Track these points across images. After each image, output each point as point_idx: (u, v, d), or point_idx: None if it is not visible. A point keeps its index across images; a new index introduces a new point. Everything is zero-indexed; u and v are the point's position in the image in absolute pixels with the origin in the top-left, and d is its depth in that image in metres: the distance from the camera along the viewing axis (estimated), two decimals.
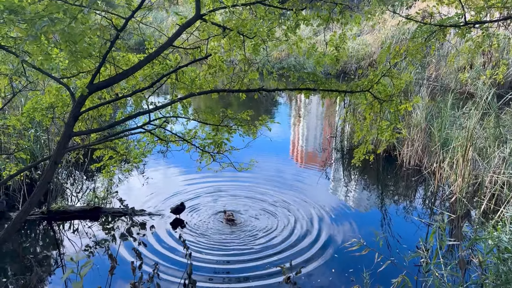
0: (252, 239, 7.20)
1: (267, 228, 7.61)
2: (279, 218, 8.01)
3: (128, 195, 8.91)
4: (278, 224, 7.77)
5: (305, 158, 12.49)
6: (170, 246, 6.92)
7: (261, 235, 7.34)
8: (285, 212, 8.26)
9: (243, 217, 8.01)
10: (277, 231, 7.48)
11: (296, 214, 8.19)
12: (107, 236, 7.30)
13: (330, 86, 5.58)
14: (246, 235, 7.37)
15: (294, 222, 7.85)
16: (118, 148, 6.59)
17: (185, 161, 10.35)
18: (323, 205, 8.70)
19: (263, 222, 7.85)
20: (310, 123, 16.96)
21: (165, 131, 6.28)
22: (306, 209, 8.43)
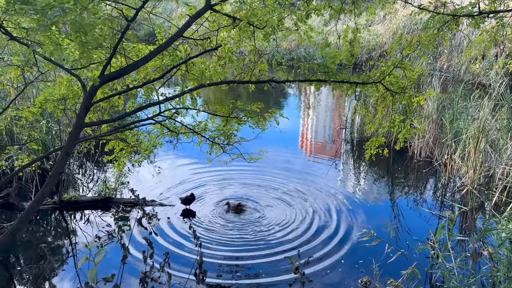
0: (261, 230, 7.23)
1: (276, 218, 7.63)
2: (288, 209, 8.03)
3: (139, 185, 8.99)
4: (287, 215, 7.79)
5: (314, 150, 12.45)
6: (180, 236, 6.98)
7: (270, 226, 7.36)
8: (294, 204, 8.27)
9: (252, 208, 8.04)
10: (286, 222, 7.50)
11: (305, 206, 8.19)
12: (119, 225, 7.38)
13: (341, 77, 5.54)
14: (255, 225, 7.40)
15: (303, 213, 7.86)
16: (129, 140, 6.64)
17: (195, 153, 10.37)
18: (332, 196, 8.69)
19: (272, 213, 7.87)
20: (320, 114, 16.88)
21: (175, 122, 6.31)
22: (315, 201, 8.43)
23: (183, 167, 10.30)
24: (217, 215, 7.74)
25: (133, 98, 6.99)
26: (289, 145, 12.32)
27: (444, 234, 5.14)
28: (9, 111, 7.71)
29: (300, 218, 7.67)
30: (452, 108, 10.76)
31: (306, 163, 10.91)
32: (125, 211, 7.93)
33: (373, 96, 5.85)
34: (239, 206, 7.90)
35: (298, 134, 13.81)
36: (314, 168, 10.47)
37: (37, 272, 6.01)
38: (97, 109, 6.63)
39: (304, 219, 7.64)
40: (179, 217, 7.73)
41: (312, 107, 18.08)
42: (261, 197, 8.53)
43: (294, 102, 19.11)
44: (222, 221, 7.52)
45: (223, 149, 6.46)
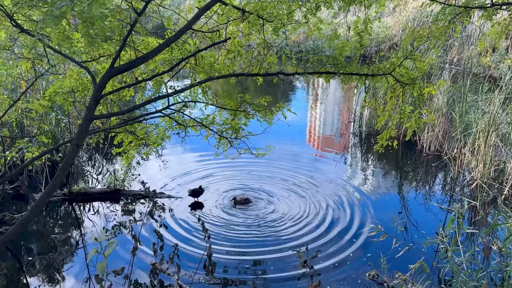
0: (269, 224, 7.25)
1: (283, 213, 7.65)
2: (296, 203, 8.04)
3: (147, 178, 9.05)
4: (295, 209, 7.80)
5: (322, 144, 12.40)
6: (189, 228, 7.03)
7: (278, 220, 7.38)
8: (302, 198, 8.28)
9: (260, 202, 8.06)
10: (294, 216, 7.51)
11: (313, 200, 8.20)
12: (128, 217, 7.45)
13: (351, 69, 5.50)
14: (262, 219, 7.42)
15: (311, 208, 7.87)
16: (138, 132, 6.66)
17: (203, 147, 10.42)
18: (340, 190, 8.69)
19: (280, 207, 7.89)
20: (328, 108, 16.79)
21: (183, 115, 6.33)
22: (323, 195, 8.43)
23: (190, 160, 10.32)
24: (225, 208, 7.78)
25: (142, 91, 7.01)
26: (296, 139, 12.30)
27: (453, 228, 5.11)
28: (19, 104, 7.78)
29: (308, 213, 7.67)
30: (462, 101, 10.65)
31: (314, 157, 10.90)
32: (134, 203, 8.00)
33: (382, 88, 5.80)
34: (246, 200, 7.93)
35: (305, 128, 13.78)
36: (322, 162, 10.45)
37: (48, 262, 6.10)
38: (106, 102, 6.67)
39: (312, 214, 7.64)
40: (188, 209, 7.78)
41: (320, 100, 17.99)
42: (269, 191, 8.54)
43: (302, 96, 19.03)
44: (230, 214, 7.55)
45: (231, 143, 6.47)
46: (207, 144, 6.84)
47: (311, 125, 14.39)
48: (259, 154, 6.53)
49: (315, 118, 15.15)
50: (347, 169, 10.11)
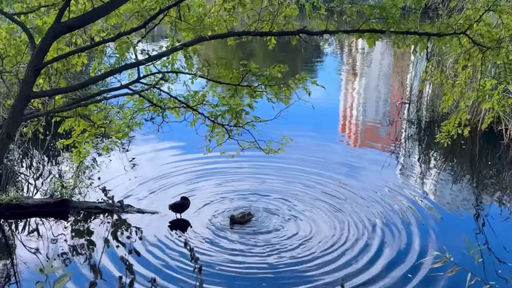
0: (286, 251, 7.27)
1: (307, 236, 7.66)
2: (325, 222, 8.04)
3: (108, 184, 9.09)
4: (324, 231, 7.81)
5: (362, 135, 12.41)
6: (171, 257, 7.07)
7: (299, 246, 7.39)
8: (334, 214, 8.30)
9: (271, 220, 8.09)
10: (323, 241, 7.52)
11: (350, 217, 8.21)
12: (81, 240, 7.52)
13: (407, 26, 5.49)
14: (277, 243, 7.46)
15: (348, 229, 7.88)
16: (94, 118, 6.69)
17: (188, 138, 10.43)
18: (390, 203, 8.70)
19: (302, 226, 7.91)
20: (371, 83, 16.78)
21: (160, 93, 6.35)
22: (365, 210, 8.44)
23: (170, 159, 10.37)
24: (222, 228, 7.82)
25: (100, 57, 7.03)
26: (325, 128, 12.33)
27: None
28: None
29: (344, 236, 7.67)
30: None
31: (351, 154, 10.93)
32: (89, 220, 8.06)
33: (452, 54, 5.79)
34: (248, 216, 7.96)
35: (338, 111, 13.82)
36: (362, 161, 10.48)
37: None
38: (49, 73, 6.69)
39: (350, 237, 7.64)
40: (168, 229, 7.83)
41: (360, 72, 17.99)
42: (286, 205, 8.57)
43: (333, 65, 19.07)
44: (229, 239, 7.59)
45: (229, 134, 6.48)
46: (194, 134, 6.86)
47: (346, 108, 14.39)
48: (270, 151, 6.53)
49: (353, 98, 15.11)
50: (399, 173, 10.11)
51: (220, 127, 6.46)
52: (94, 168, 9.90)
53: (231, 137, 6.48)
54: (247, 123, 6.41)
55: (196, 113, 6.43)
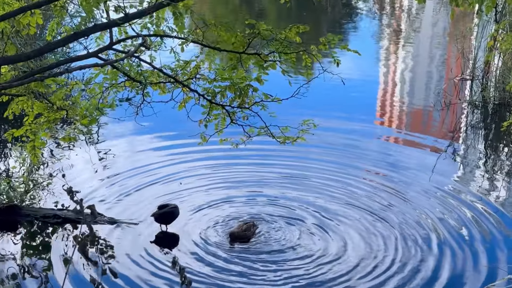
0: (306, 274, 7.31)
1: (336, 254, 7.69)
2: (358, 236, 8.09)
3: (72, 184, 9.07)
4: (358, 248, 7.83)
5: (408, 121, 12.37)
6: (156, 279, 7.12)
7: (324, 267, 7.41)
8: (370, 224, 8.35)
9: (286, 233, 8.16)
10: (357, 263, 7.53)
11: (392, 229, 8.25)
12: (36, 258, 7.57)
13: None
14: (293, 265, 7.49)
15: (390, 244, 7.91)
16: (53, 97, 6.75)
17: (178, 123, 10.44)
18: (445, 211, 8.73)
19: (328, 243, 7.96)
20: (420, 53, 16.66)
21: (140, 63, 6.40)
22: (411, 219, 8.48)
23: (154, 152, 10.50)
24: (218, 243, 7.88)
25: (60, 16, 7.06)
26: (358, 111, 12.42)
27: None
28: None
29: (384, 254, 7.70)
30: None
31: (392, 145, 10.97)
32: (46, 232, 8.15)
33: None
34: (252, 228, 7.97)
35: (376, 89, 13.77)
36: (407, 156, 10.56)
37: None
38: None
39: (392, 256, 7.66)
40: (151, 245, 7.90)
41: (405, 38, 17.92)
42: (304, 211, 8.63)
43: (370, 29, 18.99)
44: (228, 255, 7.64)
45: (231, 117, 6.56)
46: (184, 118, 6.88)
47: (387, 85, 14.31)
48: (287, 139, 6.60)
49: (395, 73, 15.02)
50: (459, 171, 10.20)
51: (220, 109, 6.52)
52: (53, 164, 9.96)
53: (233, 121, 6.55)
54: (255, 103, 6.46)
55: (187, 90, 6.49)
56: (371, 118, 12.42)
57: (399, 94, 13.78)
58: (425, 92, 13.89)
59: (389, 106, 13.25)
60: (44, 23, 7.31)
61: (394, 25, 19.50)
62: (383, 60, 15.91)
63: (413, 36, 18.13)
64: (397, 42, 17.44)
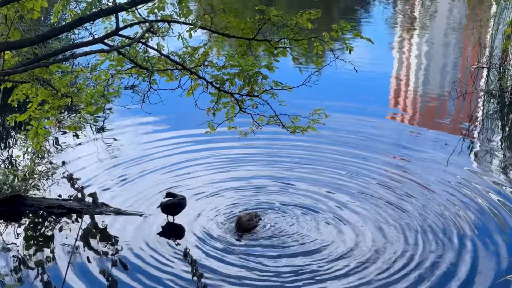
0: (319, 263, 7.22)
1: (349, 246, 7.60)
2: (370, 231, 7.96)
3: (77, 174, 9.05)
4: (371, 243, 7.71)
5: (422, 111, 12.32)
6: (164, 271, 7.06)
7: (339, 257, 7.33)
8: (387, 212, 8.28)
9: (300, 223, 8.07)
10: (370, 257, 7.40)
11: (409, 218, 8.16)
12: (40, 249, 7.51)
13: None
14: (307, 255, 7.40)
15: (407, 234, 7.82)
16: (57, 84, 6.71)
17: (185, 112, 10.42)
18: (460, 201, 8.64)
19: (340, 234, 7.87)
20: (435, 41, 16.61)
21: (146, 50, 6.32)
22: (426, 212, 8.37)
23: (161, 141, 10.43)
24: (230, 234, 7.82)
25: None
26: (371, 100, 12.32)
27: None
28: None
29: (402, 249, 7.56)
30: None
31: (406, 136, 10.89)
32: (50, 223, 8.10)
33: None
34: (255, 219, 7.92)
35: (389, 78, 13.73)
36: (421, 146, 10.47)
37: None
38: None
39: (409, 251, 7.53)
40: (158, 237, 7.85)
41: (420, 25, 17.83)
42: (317, 202, 8.55)
43: (383, 15, 18.92)
44: (240, 246, 7.60)
45: (240, 105, 6.48)
46: (192, 107, 6.82)
47: (400, 73, 14.26)
48: (297, 129, 6.52)
49: (410, 60, 14.97)
50: (475, 164, 10.09)
51: (229, 97, 6.44)
52: (58, 154, 9.93)
53: (242, 110, 6.46)
54: (264, 91, 6.37)
55: (195, 77, 6.42)
56: (384, 106, 12.36)
57: (413, 82, 13.70)
58: (440, 81, 13.82)
59: (403, 95, 13.18)
60: (48, 7, 7.18)
61: (408, 11, 19.43)
62: (396, 48, 15.83)
63: (428, 22, 18.05)
64: (411, 30, 17.40)
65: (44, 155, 9.61)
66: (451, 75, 14.15)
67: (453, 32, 17.18)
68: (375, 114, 11.83)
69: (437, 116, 11.92)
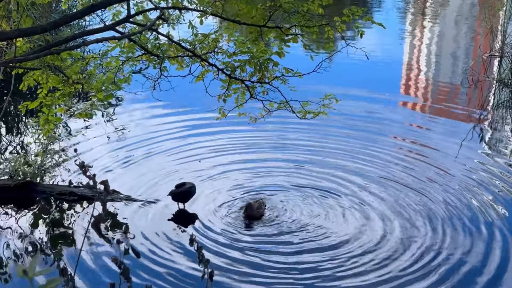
0: (337, 253, 7.23)
1: (358, 231, 7.63)
2: (395, 219, 7.95)
3: (88, 161, 9.09)
4: (398, 232, 7.70)
5: (433, 99, 12.28)
6: (171, 258, 7.12)
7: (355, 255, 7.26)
8: (408, 204, 8.26)
9: (316, 211, 8.10)
10: (397, 249, 7.36)
11: (418, 215, 8.10)
12: (56, 236, 7.58)
13: None
14: (324, 244, 7.42)
15: (432, 229, 7.75)
16: (68, 70, 6.72)
17: (196, 98, 10.44)
18: (484, 189, 8.63)
19: (349, 222, 7.90)
20: (447, 29, 16.55)
21: (157, 37, 6.35)
22: (451, 199, 8.37)
23: (171, 128, 10.47)
24: (238, 221, 7.87)
25: None
26: (382, 87, 12.30)
27: None
28: None
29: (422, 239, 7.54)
30: None
31: (417, 123, 10.85)
32: (61, 209, 8.16)
33: None
34: (262, 207, 7.91)
35: (401, 65, 13.66)
36: (433, 134, 10.46)
37: None
38: (8, 9, 6.71)
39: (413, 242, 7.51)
40: (168, 223, 7.90)
41: (432, 13, 17.77)
42: (327, 194, 8.54)
43: (394, 3, 18.82)
44: (248, 233, 7.66)
45: (251, 92, 6.50)
46: (202, 93, 6.83)
47: (411, 61, 14.22)
48: (307, 113, 6.52)
49: (421, 48, 14.91)
50: (486, 152, 10.06)
51: (239, 83, 6.46)
52: (69, 140, 9.97)
53: (253, 96, 6.48)
54: (275, 77, 6.39)
55: (205, 64, 6.44)
56: (395, 94, 12.34)
57: (424, 70, 13.67)
58: (451, 69, 13.77)
59: (414, 82, 13.13)
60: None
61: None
62: (408, 36, 15.78)
63: (439, 10, 17.97)
64: (423, 17, 17.29)
65: (56, 142, 9.61)
66: (463, 63, 14.10)
67: (465, 20, 17.11)
68: (386, 101, 11.82)
69: (448, 104, 11.86)
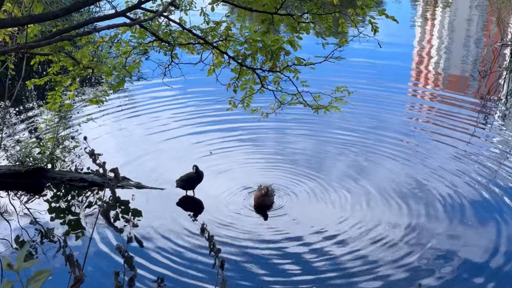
0: (341, 245, 7.27)
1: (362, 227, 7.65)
2: (393, 214, 8.00)
3: (97, 148, 9.11)
4: (392, 226, 7.74)
5: (444, 88, 12.24)
6: (182, 246, 7.16)
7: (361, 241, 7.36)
8: (406, 202, 8.24)
9: (319, 198, 8.14)
10: (384, 236, 7.46)
11: (428, 207, 8.12)
12: (61, 222, 7.62)
13: None
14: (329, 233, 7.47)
15: (425, 225, 7.77)
16: (79, 55, 6.73)
17: (206, 87, 10.47)
18: (483, 187, 8.60)
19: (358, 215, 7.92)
20: (458, 18, 16.47)
21: (169, 23, 6.37)
22: (448, 198, 8.34)
23: (181, 115, 10.51)
24: (248, 209, 7.92)
25: None
26: (394, 77, 12.28)
27: None
28: None
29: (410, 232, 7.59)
30: None
31: (428, 113, 10.83)
32: (71, 196, 8.21)
33: None
34: (272, 193, 7.91)
35: (411, 55, 13.63)
36: (444, 124, 10.45)
37: None
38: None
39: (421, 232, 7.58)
40: (177, 210, 7.96)
41: (443, 2, 17.68)
42: (339, 186, 8.56)
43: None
44: (258, 221, 7.70)
45: (262, 82, 6.48)
46: (213, 82, 6.83)
47: (422, 50, 14.17)
48: (320, 108, 6.52)
49: (432, 38, 14.87)
50: (497, 142, 10.07)
51: (250, 73, 6.46)
52: (80, 126, 10.01)
53: (264, 86, 6.46)
54: (286, 66, 6.37)
55: (216, 52, 6.43)
56: (406, 83, 12.32)
57: (435, 60, 13.63)
58: (462, 58, 13.72)
59: (425, 72, 13.11)
60: None
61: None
62: (419, 25, 15.74)
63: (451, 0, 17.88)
64: (434, 6, 17.24)
65: (66, 128, 9.66)
66: (474, 53, 14.06)
67: (476, 8, 17.04)
68: (397, 91, 11.80)
69: (459, 93, 11.84)
